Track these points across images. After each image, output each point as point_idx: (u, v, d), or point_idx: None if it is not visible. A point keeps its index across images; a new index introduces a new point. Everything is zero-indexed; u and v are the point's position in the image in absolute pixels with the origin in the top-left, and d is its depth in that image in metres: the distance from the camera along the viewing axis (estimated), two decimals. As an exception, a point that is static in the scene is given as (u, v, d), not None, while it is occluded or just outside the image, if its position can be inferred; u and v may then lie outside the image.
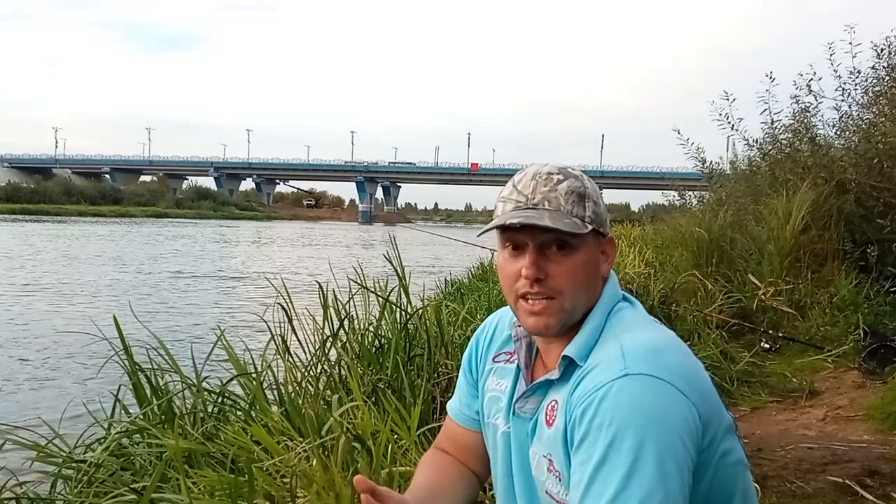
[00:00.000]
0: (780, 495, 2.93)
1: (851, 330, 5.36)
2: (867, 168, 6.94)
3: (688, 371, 1.09)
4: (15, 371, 7.62)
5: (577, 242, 1.14)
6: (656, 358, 1.06)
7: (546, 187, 1.16)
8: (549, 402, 1.17)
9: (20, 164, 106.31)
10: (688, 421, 1.03)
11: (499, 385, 1.30)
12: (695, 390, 1.06)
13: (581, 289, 1.15)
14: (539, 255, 1.14)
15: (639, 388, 1.02)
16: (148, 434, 2.90)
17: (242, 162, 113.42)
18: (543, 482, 1.17)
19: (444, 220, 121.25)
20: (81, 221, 56.95)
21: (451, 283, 8.65)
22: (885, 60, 7.23)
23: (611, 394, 1.02)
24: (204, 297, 14.54)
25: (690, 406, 1.04)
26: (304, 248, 33.69)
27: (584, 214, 1.15)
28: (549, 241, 1.14)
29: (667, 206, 15.78)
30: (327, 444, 2.32)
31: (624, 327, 1.14)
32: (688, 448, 1.02)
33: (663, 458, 0.98)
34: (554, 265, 1.14)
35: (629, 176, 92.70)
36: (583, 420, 1.04)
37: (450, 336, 3.58)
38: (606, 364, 1.07)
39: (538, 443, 1.18)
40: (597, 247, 1.18)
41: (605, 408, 1.02)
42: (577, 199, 1.15)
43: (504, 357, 1.33)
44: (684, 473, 1.00)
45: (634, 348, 1.08)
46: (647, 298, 5.59)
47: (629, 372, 1.04)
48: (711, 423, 1.08)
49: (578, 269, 1.15)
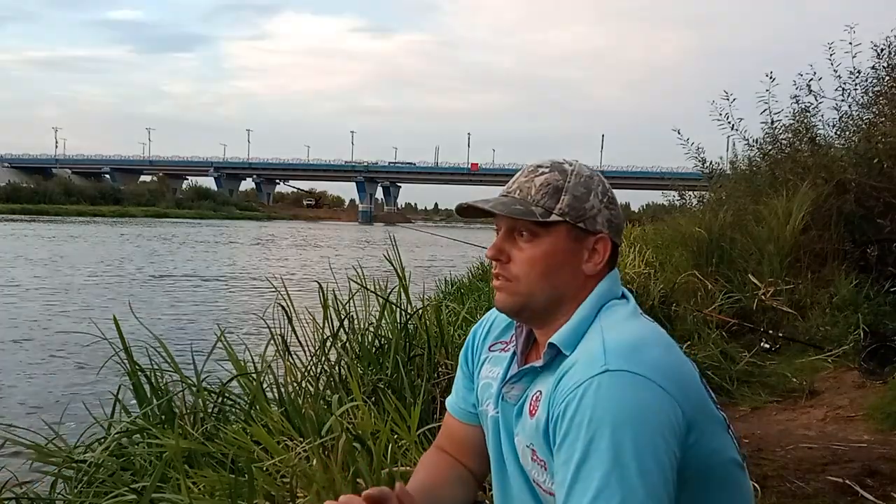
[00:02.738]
0: (780, 495, 2.93)
1: (851, 330, 5.36)
2: (867, 168, 6.94)
3: (671, 367, 1.08)
4: (15, 371, 7.62)
5: (541, 231, 1.17)
6: (637, 354, 1.06)
7: (525, 178, 1.21)
8: (534, 393, 1.17)
9: (20, 164, 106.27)
10: (669, 417, 1.02)
11: (492, 372, 1.32)
12: (677, 386, 1.05)
13: (539, 278, 1.17)
14: (506, 239, 1.20)
15: (618, 384, 1.02)
16: (148, 434, 2.90)
17: (242, 162, 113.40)
18: (530, 471, 1.18)
19: (444, 220, 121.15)
20: (81, 221, 56.96)
21: (451, 283, 8.66)
22: (885, 60, 7.24)
23: (590, 391, 1.02)
24: (203, 296, 14.55)
25: (672, 402, 1.03)
26: (304, 248, 33.68)
27: (555, 206, 1.17)
28: (517, 228, 1.18)
29: (667, 206, 15.77)
30: (327, 444, 2.32)
31: (610, 323, 1.14)
32: (670, 444, 1.01)
33: (643, 456, 0.98)
34: (516, 251, 1.19)
35: (629, 176, 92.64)
36: (564, 418, 1.04)
37: (450, 336, 3.58)
38: (587, 360, 1.07)
39: (522, 432, 1.19)
40: (574, 241, 1.18)
41: (585, 405, 1.02)
42: (550, 191, 1.18)
43: (500, 346, 1.35)
44: (667, 470, 1.00)
45: (615, 343, 1.07)
46: (647, 298, 5.59)
47: (609, 368, 1.03)
48: (697, 419, 1.07)
49: (538, 257, 1.17)
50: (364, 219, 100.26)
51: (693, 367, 1.16)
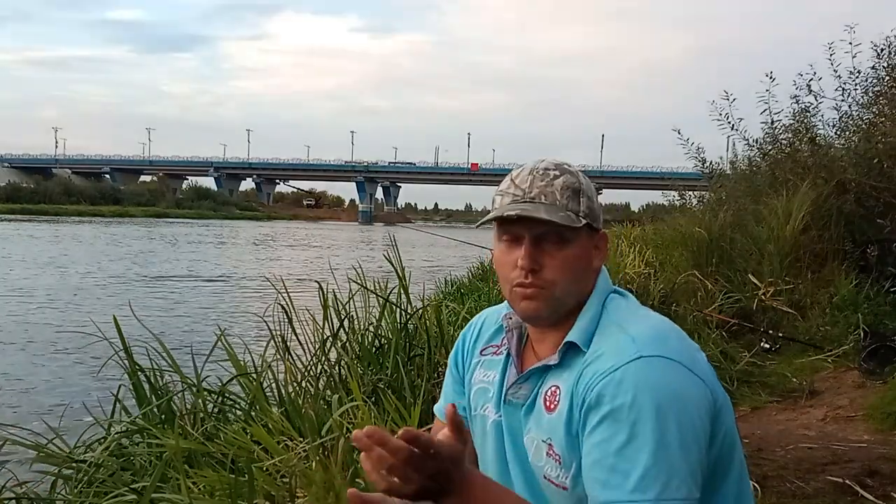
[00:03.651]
0: (780, 495, 2.93)
1: (851, 330, 5.36)
2: (867, 168, 6.94)
3: (692, 354, 1.14)
4: (15, 371, 7.62)
5: (571, 236, 1.18)
6: (665, 342, 1.12)
7: (542, 182, 1.19)
8: (549, 388, 1.19)
9: (20, 164, 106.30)
10: (705, 400, 1.08)
11: (486, 376, 1.32)
12: (703, 371, 1.12)
13: (572, 281, 1.19)
14: (534, 247, 1.18)
15: (656, 368, 1.07)
16: (148, 434, 2.90)
17: (242, 162, 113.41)
18: (542, 467, 1.18)
19: (444, 220, 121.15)
20: (81, 221, 56.97)
21: (451, 283, 8.67)
22: (885, 60, 7.24)
23: (629, 375, 1.06)
24: (203, 297, 14.55)
25: (704, 387, 1.09)
26: (304, 248, 33.69)
27: (579, 209, 1.19)
28: (544, 234, 1.18)
29: (667, 206, 15.77)
30: (327, 444, 2.33)
31: (622, 315, 1.18)
32: (705, 426, 1.07)
33: (686, 436, 1.03)
34: (548, 257, 1.18)
35: (629, 176, 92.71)
36: (601, 402, 1.07)
37: (450, 336, 3.58)
38: (617, 349, 1.11)
39: (536, 428, 1.19)
40: (590, 241, 1.22)
41: (625, 389, 1.05)
42: (572, 195, 1.19)
43: (491, 350, 1.35)
44: (703, 450, 1.06)
45: (641, 332, 1.12)
46: (647, 298, 5.59)
47: (642, 354, 1.08)
48: (722, 407, 1.13)
49: (571, 261, 1.18)
50: (364, 219, 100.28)
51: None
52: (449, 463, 0.99)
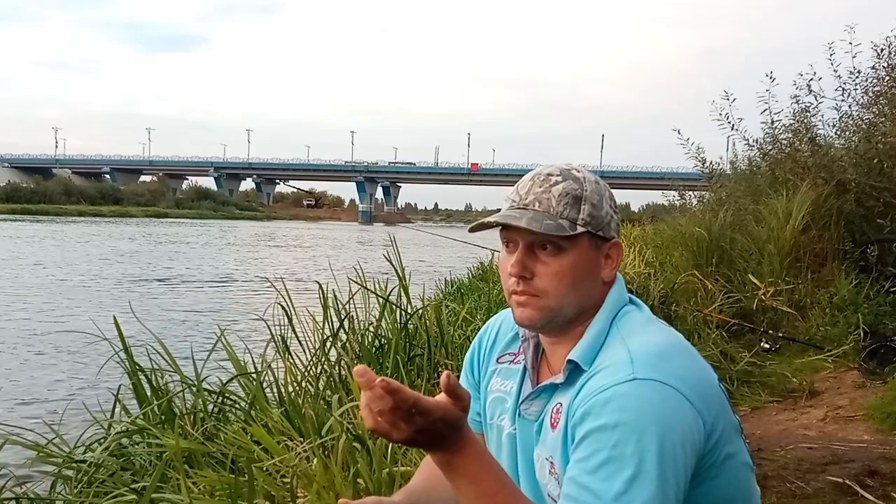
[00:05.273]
0: (780, 495, 2.93)
1: (851, 330, 5.36)
2: (867, 168, 6.94)
3: (695, 376, 1.09)
4: (15, 371, 7.61)
5: (566, 244, 1.15)
6: (664, 363, 1.07)
7: (541, 188, 1.16)
8: (555, 405, 1.17)
9: (20, 164, 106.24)
10: (692, 428, 1.04)
11: (504, 386, 1.30)
12: (700, 396, 1.07)
13: (568, 290, 1.15)
14: (527, 254, 1.16)
15: (646, 393, 1.03)
16: (148, 434, 2.90)
17: (242, 162, 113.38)
18: (545, 485, 1.17)
19: (444, 220, 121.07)
20: (81, 221, 56.95)
21: (451, 283, 8.66)
22: (885, 60, 7.24)
23: (618, 396, 1.03)
24: (203, 297, 14.54)
25: (695, 413, 1.05)
26: (304, 248, 33.68)
27: (578, 217, 1.15)
28: (538, 241, 1.15)
29: (667, 206, 15.79)
30: (327, 444, 2.33)
31: (630, 330, 1.14)
32: (688, 455, 1.03)
33: (665, 465, 1.00)
34: (541, 265, 1.15)
35: (629, 176, 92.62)
36: (585, 419, 1.05)
37: (450, 336, 3.59)
38: (614, 367, 1.08)
39: (542, 445, 1.18)
40: (595, 250, 1.18)
41: (611, 409, 1.02)
42: (571, 201, 1.15)
43: (508, 358, 1.32)
44: (681, 481, 1.02)
45: (642, 353, 1.08)
46: (647, 298, 5.58)
47: (637, 376, 1.04)
48: (716, 426, 1.08)
49: (565, 270, 1.15)
50: (364, 219, 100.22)
51: (713, 372, 1.16)
52: (441, 424, 0.98)
